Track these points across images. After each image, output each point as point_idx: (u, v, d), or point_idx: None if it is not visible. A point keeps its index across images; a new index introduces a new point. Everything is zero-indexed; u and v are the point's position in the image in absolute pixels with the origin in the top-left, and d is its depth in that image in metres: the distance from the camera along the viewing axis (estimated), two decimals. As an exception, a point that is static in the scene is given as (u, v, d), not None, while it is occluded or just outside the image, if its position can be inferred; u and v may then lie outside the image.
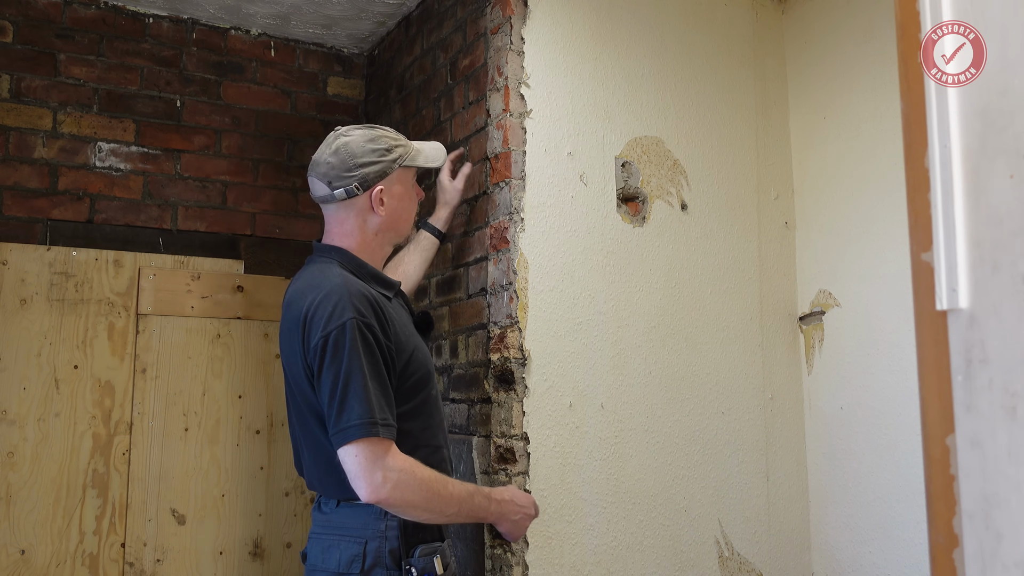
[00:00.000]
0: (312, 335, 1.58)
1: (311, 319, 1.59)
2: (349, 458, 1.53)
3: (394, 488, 1.52)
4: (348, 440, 1.52)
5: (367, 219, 1.75)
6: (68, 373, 2.52)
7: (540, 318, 2.10)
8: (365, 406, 1.52)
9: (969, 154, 0.79)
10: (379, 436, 1.53)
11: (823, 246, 2.50)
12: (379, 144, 1.74)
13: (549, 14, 2.21)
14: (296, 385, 1.67)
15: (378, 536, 1.60)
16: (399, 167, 1.76)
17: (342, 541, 1.62)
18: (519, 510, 1.76)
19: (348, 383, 1.54)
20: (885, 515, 2.26)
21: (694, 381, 2.33)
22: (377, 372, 1.57)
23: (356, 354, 1.54)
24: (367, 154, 1.72)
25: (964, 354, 0.78)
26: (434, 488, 1.58)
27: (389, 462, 1.53)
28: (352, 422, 1.52)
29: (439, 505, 1.59)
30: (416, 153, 1.80)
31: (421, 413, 1.71)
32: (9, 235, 2.51)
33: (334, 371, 1.54)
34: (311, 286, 1.64)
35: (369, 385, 1.54)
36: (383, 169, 1.73)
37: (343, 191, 1.72)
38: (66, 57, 2.64)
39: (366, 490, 1.52)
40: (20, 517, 2.41)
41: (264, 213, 2.88)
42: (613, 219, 2.26)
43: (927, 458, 0.82)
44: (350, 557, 1.60)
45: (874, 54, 2.36)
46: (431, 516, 1.60)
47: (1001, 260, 0.76)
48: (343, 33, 2.94)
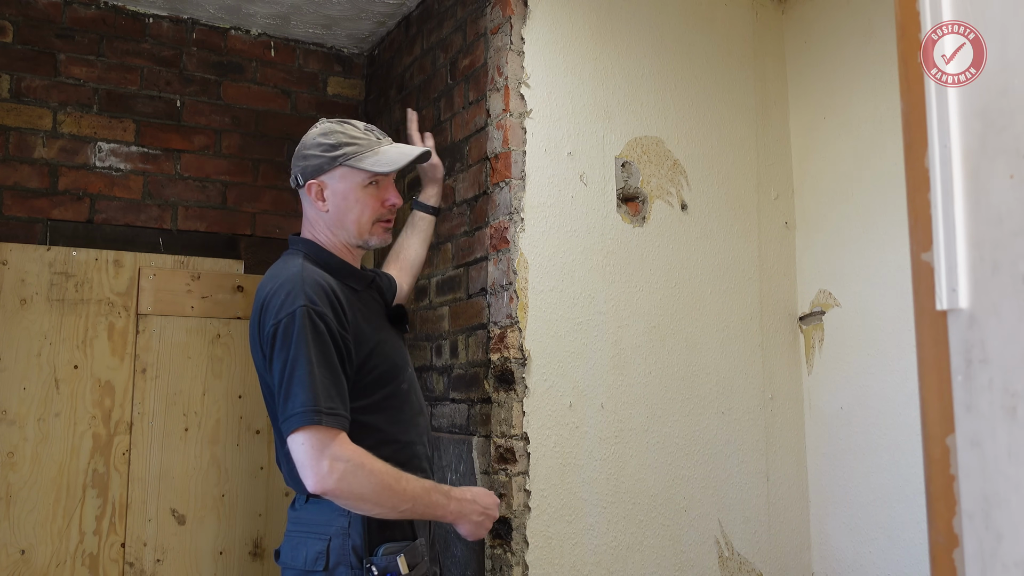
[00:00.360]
0: (265, 323, 1.58)
1: (266, 308, 1.59)
2: (296, 446, 1.50)
3: (340, 478, 1.49)
4: (293, 428, 1.49)
5: (318, 212, 1.74)
6: (68, 373, 2.52)
7: (540, 318, 2.10)
8: (309, 394, 1.50)
9: (969, 154, 0.79)
10: (323, 425, 1.49)
11: (823, 246, 2.50)
12: (328, 139, 1.70)
13: (549, 14, 2.21)
14: (261, 376, 1.66)
15: (341, 533, 1.57)
16: (339, 166, 1.69)
17: (308, 538, 1.60)
18: (481, 511, 1.69)
19: (294, 371, 1.52)
20: (885, 515, 2.26)
21: (694, 381, 2.33)
22: (327, 360, 1.54)
23: (304, 342, 1.52)
24: (314, 147, 1.71)
25: (964, 354, 0.78)
26: (385, 481, 1.53)
27: (336, 451, 1.50)
28: (296, 410, 1.50)
29: (390, 499, 1.54)
30: (365, 156, 1.70)
31: (387, 407, 1.68)
32: (9, 235, 2.51)
33: (282, 359, 1.53)
34: (271, 276, 1.65)
35: (316, 372, 1.51)
36: (320, 165, 1.70)
37: (292, 179, 1.75)
38: (66, 57, 2.64)
39: (312, 479, 1.49)
40: (20, 517, 2.41)
41: (264, 213, 2.88)
42: (613, 219, 2.26)
43: (927, 458, 0.82)
44: (315, 554, 1.58)
45: (874, 54, 2.36)
46: (382, 511, 1.55)
47: (1001, 260, 0.76)
48: (343, 33, 2.94)
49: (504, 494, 2.03)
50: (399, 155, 1.72)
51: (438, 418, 2.39)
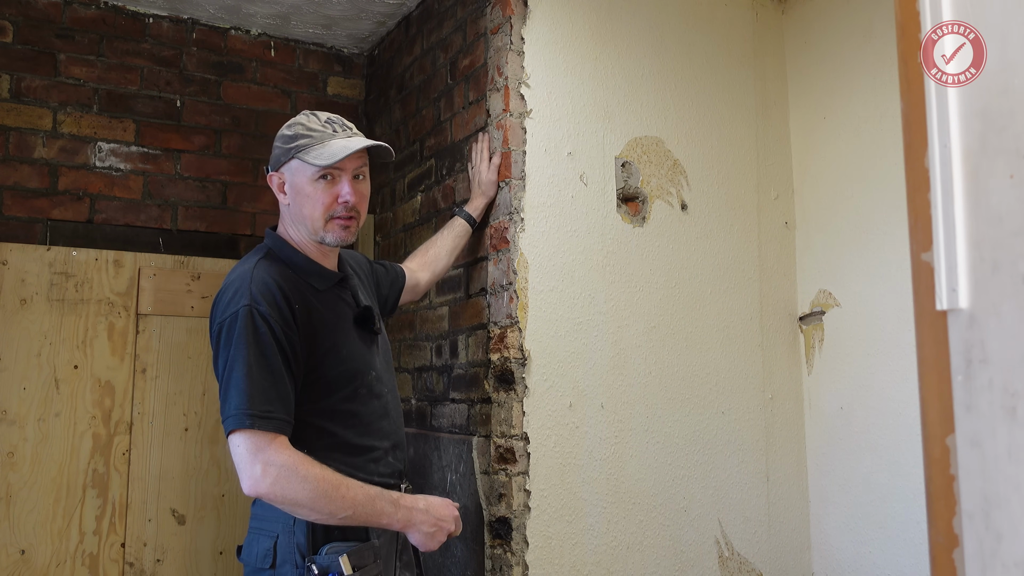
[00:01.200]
0: (212, 322, 1.59)
1: (215, 306, 1.60)
2: (232, 448, 1.50)
3: (274, 483, 1.47)
4: (228, 430, 1.49)
5: (282, 205, 1.74)
6: (68, 373, 2.52)
7: (540, 318, 2.10)
8: (243, 397, 1.48)
9: (969, 154, 0.79)
10: (255, 428, 1.47)
11: (823, 246, 2.50)
12: (289, 131, 1.68)
13: (549, 14, 2.21)
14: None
15: (287, 530, 1.56)
16: (293, 158, 1.66)
17: (260, 535, 1.59)
18: (434, 522, 1.63)
19: (231, 372, 1.50)
20: (885, 515, 2.26)
21: (694, 381, 2.33)
22: (265, 362, 1.51)
23: (242, 343, 1.50)
24: (278, 139, 1.70)
25: (964, 354, 0.78)
26: (321, 487, 1.49)
27: (270, 456, 1.47)
28: (229, 412, 1.49)
29: (327, 506, 1.50)
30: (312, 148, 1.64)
31: (342, 411, 1.64)
32: (9, 235, 2.51)
33: (223, 359, 1.53)
34: (227, 275, 1.65)
35: (253, 375, 1.49)
36: (279, 156, 1.69)
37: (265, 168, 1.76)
38: (66, 57, 2.64)
39: (246, 482, 1.48)
40: (20, 517, 2.41)
41: (264, 213, 2.88)
42: (613, 219, 2.25)
43: (927, 458, 0.82)
44: (264, 551, 1.57)
45: (874, 54, 2.35)
46: (320, 516, 1.52)
47: (1001, 260, 0.76)
48: (343, 33, 2.94)
49: (504, 494, 2.03)
50: (341, 148, 1.63)
51: (438, 418, 2.39)
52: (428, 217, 2.54)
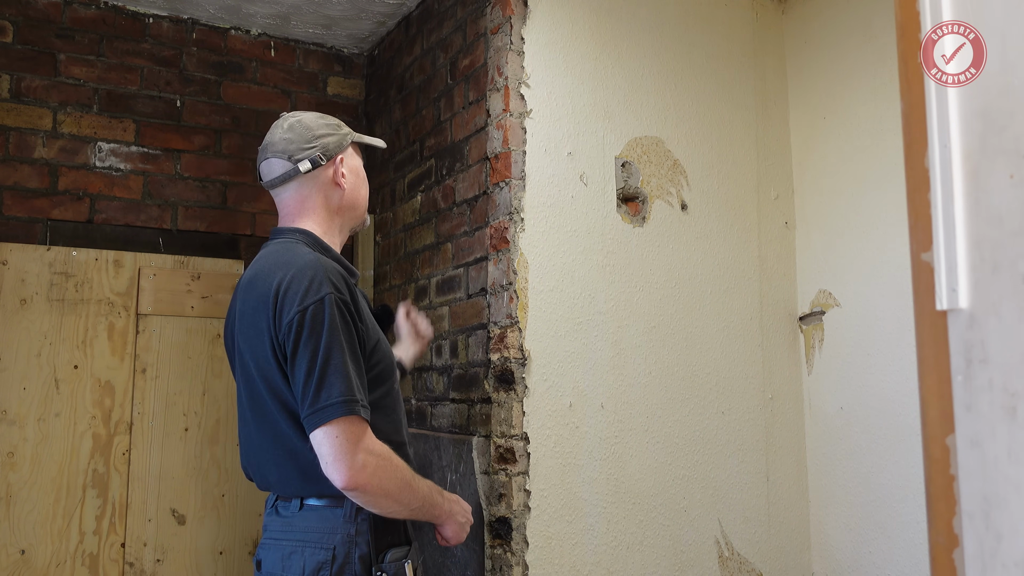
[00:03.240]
0: (285, 311, 1.48)
1: (284, 295, 1.49)
2: (327, 439, 1.42)
3: (373, 474, 1.43)
4: (327, 420, 1.42)
5: (329, 195, 1.69)
6: (68, 373, 2.52)
7: (540, 318, 2.10)
8: (346, 384, 1.44)
9: (969, 154, 0.79)
10: (359, 415, 1.44)
11: (823, 246, 2.50)
12: (329, 120, 1.73)
13: (549, 14, 2.21)
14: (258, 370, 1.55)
15: (347, 541, 1.50)
16: (350, 143, 1.73)
17: (306, 548, 1.51)
18: (465, 513, 1.69)
19: (328, 360, 1.44)
20: (885, 515, 2.26)
21: (694, 381, 2.33)
22: (354, 351, 1.49)
23: (335, 330, 1.46)
24: (322, 127, 1.70)
25: (964, 354, 0.78)
26: (405, 478, 1.51)
27: (370, 445, 1.45)
28: (333, 400, 1.42)
29: (409, 497, 1.51)
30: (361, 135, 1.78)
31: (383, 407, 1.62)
32: (9, 235, 2.51)
33: (312, 347, 1.45)
34: (279, 263, 1.54)
35: (348, 363, 1.46)
36: (339, 141, 1.70)
37: (307, 161, 1.65)
38: (66, 57, 2.64)
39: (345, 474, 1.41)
40: (20, 517, 2.41)
41: (264, 213, 2.88)
42: (613, 219, 2.25)
43: (927, 458, 0.82)
44: (316, 565, 1.49)
45: (874, 54, 2.35)
46: (399, 509, 1.51)
47: (1001, 260, 0.76)
48: (343, 33, 2.94)
49: (504, 494, 2.03)
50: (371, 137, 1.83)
51: (438, 418, 2.39)
52: (428, 217, 2.54)
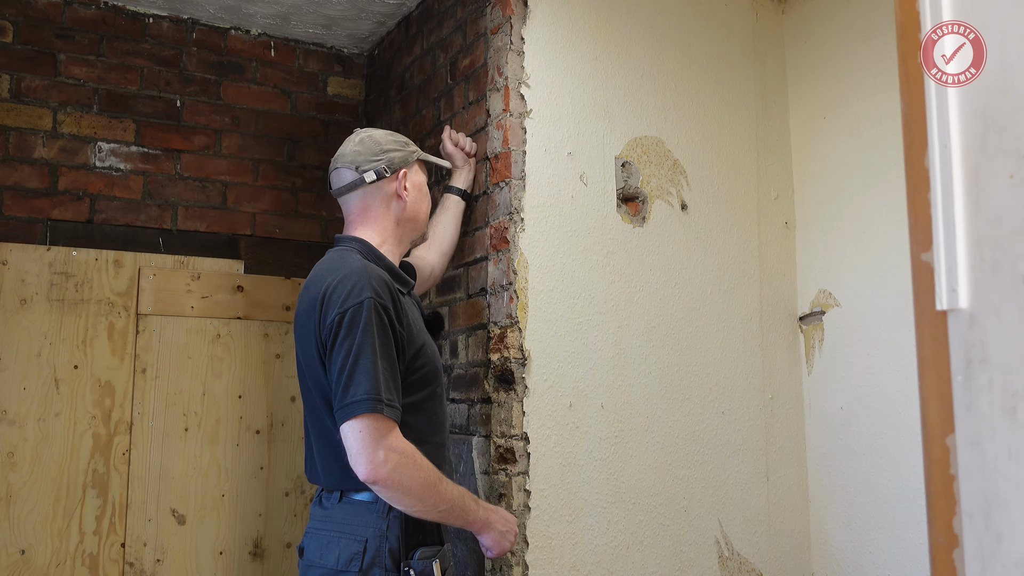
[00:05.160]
0: (328, 312, 1.60)
1: (329, 298, 1.62)
2: (352, 433, 1.53)
3: (394, 469, 1.52)
4: (352, 415, 1.52)
5: (391, 206, 1.83)
6: (68, 373, 2.52)
7: (540, 318, 2.10)
8: (372, 382, 1.53)
9: (969, 154, 0.79)
10: (383, 414, 1.53)
11: (823, 246, 2.50)
12: (399, 137, 1.88)
13: (549, 14, 2.21)
14: (308, 368, 1.69)
15: (379, 535, 1.60)
16: (416, 159, 1.89)
17: (342, 538, 1.61)
18: (506, 523, 1.76)
19: (358, 359, 1.55)
20: (885, 515, 2.26)
21: (694, 381, 2.33)
22: (388, 353, 1.59)
23: (370, 332, 1.56)
24: (390, 143, 1.85)
25: (964, 354, 0.78)
26: (430, 480, 1.58)
27: (392, 442, 1.53)
28: (358, 396, 1.53)
29: (432, 498, 1.58)
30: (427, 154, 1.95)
31: (426, 409, 1.72)
32: (9, 235, 2.51)
33: (346, 347, 1.56)
34: (330, 269, 1.69)
35: (379, 363, 1.55)
36: (405, 156, 1.85)
37: (373, 172, 1.80)
38: (66, 57, 2.64)
39: (366, 467, 1.51)
40: (20, 517, 2.41)
41: (264, 213, 2.88)
42: (613, 219, 2.26)
43: (927, 458, 0.82)
44: (349, 555, 1.59)
45: (874, 54, 2.35)
46: (422, 508, 1.59)
47: (1001, 260, 0.76)
48: (343, 33, 2.94)
49: (504, 494, 2.03)
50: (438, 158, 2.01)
51: (438, 418, 2.39)
52: (428, 217, 2.54)
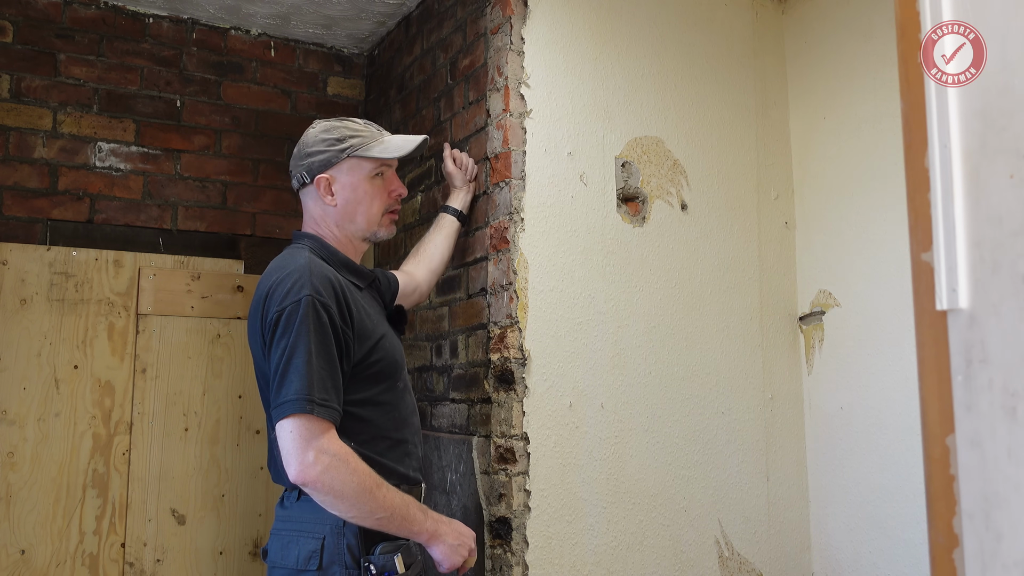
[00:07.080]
0: (269, 311, 1.58)
1: (270, 296, 1.59)
2: (284, 434, 1.49)
3: (324, 471, 1.47)
4: (284, 415, 1.48)
5: (324, 209, 1.76)
6: (68, 373, 2.52)
7: (540, 318, 2.10)
8: (304, 382, 1.49)
9: (969, 154, 0.79)
10: (314, 414, 1.48)
11: (823, 246, 2.50)
12: (331, 135, 1.75)
13: (549, 14, 2.21)
14: (258, 367, 1.66)
15: (335, 532, 1.55)
16: (347, 157, 1.74)
17: (300, 537, 1.58)
18: (459, 537, 1.66)
19: (292, 358, 1.51)
20: (885, 515, 2.26)
21: (694, 381, 2.33)
22: (326, 352, 1.54)
23: (305, 330, 1.52)
24: (316, 144, 1.75)
25: (964, 354, 0.78)
26: (366, 484, 1.51)
27: (324, 443, 1.48)
28: (289, 396, 1.49)
29: (368, 504, 1.51)
30: (372, 146, 1.75)
31: (385, 403, 1.68)
32: (9, 235, 2.51)
33: (282, 345, 1.53)
34: (277, 267, 1.66)
35: (314, 362, 1.51)
36: (328, 158, 1.74)
37: (295, 180, 1.77)
38: (66, 57, 2.64)
39: (295, 468, 1.47)
40: (20, 517, 2.41)
41: (264, 213, 2.88)
42: (613, 219, 2.26)
43: (927, 458, 0.82)
44: (308, 553, 1.55)
45: (874, 54, 2.35)
46: (357, 514, 1.52)
47: (1001, 260, 0.76)
48: (343, 33, 2.94)
49: (504, 494, 2.03)
50: (404, 142, 1.79)
51: (438, 418, 2.39)
52: (428, 217, 2.54)
